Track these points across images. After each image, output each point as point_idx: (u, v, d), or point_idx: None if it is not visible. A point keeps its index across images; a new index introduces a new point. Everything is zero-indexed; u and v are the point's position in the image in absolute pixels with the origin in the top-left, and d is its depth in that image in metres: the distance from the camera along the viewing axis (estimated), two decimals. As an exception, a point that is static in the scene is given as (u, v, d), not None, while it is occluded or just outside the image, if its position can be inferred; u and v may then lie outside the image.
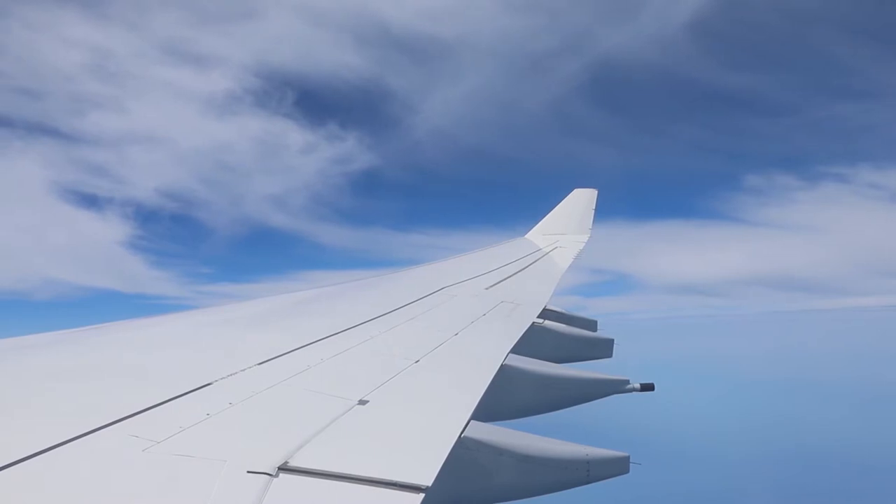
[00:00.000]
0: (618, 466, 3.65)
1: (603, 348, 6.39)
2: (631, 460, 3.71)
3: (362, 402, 2.80)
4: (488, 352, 4.17)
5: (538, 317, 5.78)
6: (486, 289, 6.78)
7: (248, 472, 1.96)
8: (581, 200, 12.75)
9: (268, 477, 1.95)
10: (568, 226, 11.78)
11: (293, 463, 2.07)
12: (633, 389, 5.06)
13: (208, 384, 2.77)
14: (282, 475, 1.99)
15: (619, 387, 5.01)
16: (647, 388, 5.10)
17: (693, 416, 66.70)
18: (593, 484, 3.56)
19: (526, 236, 11.68)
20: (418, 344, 4.10)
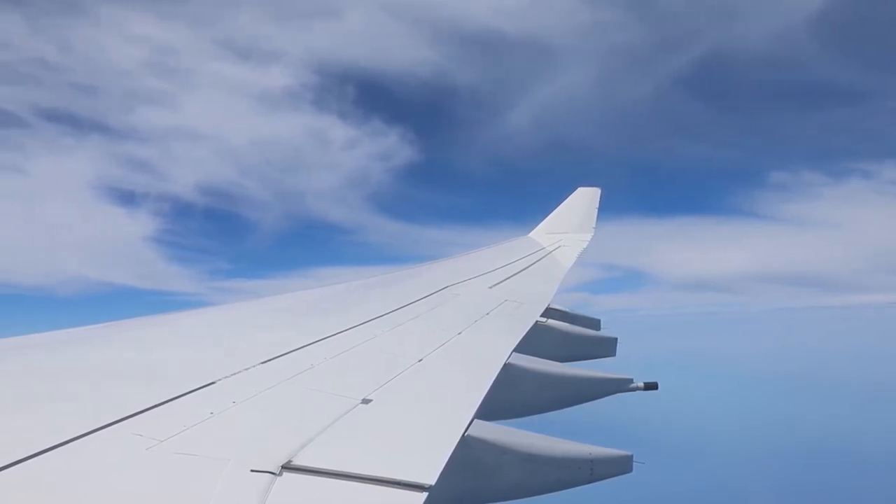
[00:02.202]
0: (621, 465, 3.65)
1: (606, 347, 6.39)
2: (634, 459, 3.71)
3: (366, 401, 2.80)
4: (492, 351, 4.17)
5: (541, 315, 5.77)
6: (490, 287, 6.78)
7: (252, 470, 1.96)
8: (584, 199, 12.74)
9: (271, 476, 1.95)
10: (571, 224, 11.77)
11: (297, 462, 2.07)
12: (637, 388, 5.05)
13: (212, 383, 2.77)
14: (285, 474, 1.99)
15: (622, 386, 5.00)
16: (651, 387, 5.09)
17: (697, 414, 66.59)
18: (597, 483, 3.56)
19: (529, 235, 11.68)
20: (422, 343, 4.10)
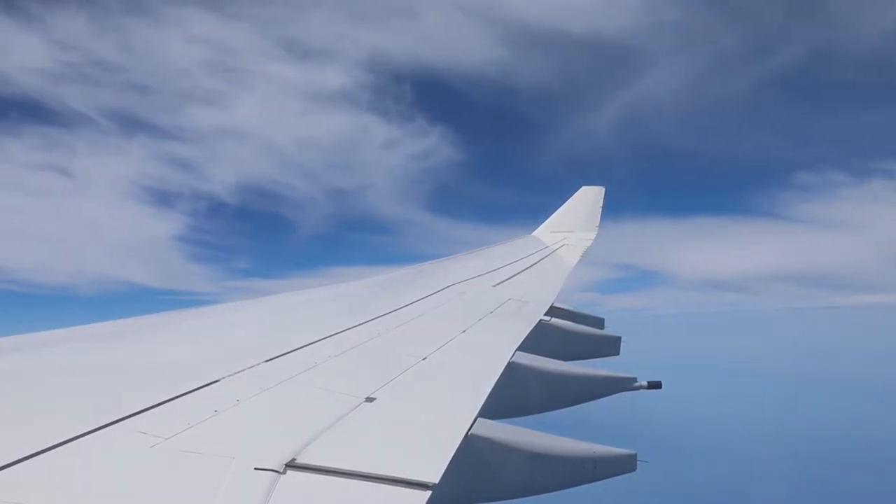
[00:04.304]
0: (625, 464, 3.64)
1: (610, 346, 6.38)
2: (638, 458, 3.69)
3: (369, 400, 2.81)
4: (496, 349, 4.17)
5: (545, 314, 5.77)
6: (494, 286, 6.78)
7: (256, 468, 1.97)
8: (588, 198, 12.71)
9: (275, 474, 1.96)
10: (575, 223, 11.74)
11: (300, 460, 2.08)
12: (640, 387, 5.03)
13: (216, 381, 2.78)
14: (289, 472, 2.00)
15: (625, 385, 4.99)
16: (655, 386, 5.08)
17: (701, 414, 66.44)
18: (600, 482, 3.55)
19: (533, 234, 11.67)
20: (426, 341, 4.10)
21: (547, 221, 12.05)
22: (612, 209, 12.34)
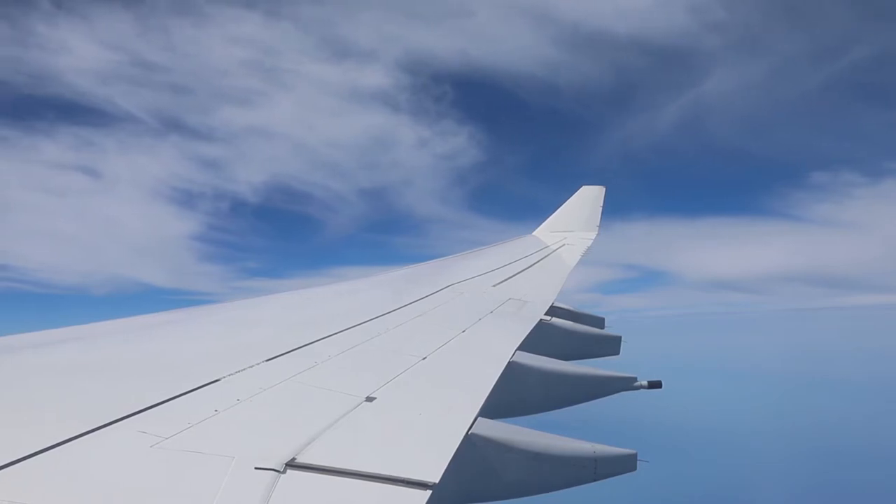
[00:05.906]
0: (625, 464, 3.64)
1: (610, 345, 6.38)
2: (638, 458, 3.70)
3: (370, 399, 2.81)
4: (496, 349, 4.17)
5: (545, 314, 5.77)
6: (494, 286, 6.78)
7: (256, 468, 1.97)
8: (589, 197, 12.69)
9: (275, 473, 1.96)
10: (576, 223, 11.73)
11: (301, 459, 2.08)
12: (641, 387, 5.04)
13: (216, 380, 2.78)
14: (289, 471, 2.00)
15: (626, 384, 4.99)
16: (655, 385, 5.08)
17: (702, 414, 66.42)
18: (600, 482, 3.55)
19: (534, 233, 11.66)
20: (426, 341, 4.10)
21: (547, 221, 12.04)
22: (621, 209, 12.34)
